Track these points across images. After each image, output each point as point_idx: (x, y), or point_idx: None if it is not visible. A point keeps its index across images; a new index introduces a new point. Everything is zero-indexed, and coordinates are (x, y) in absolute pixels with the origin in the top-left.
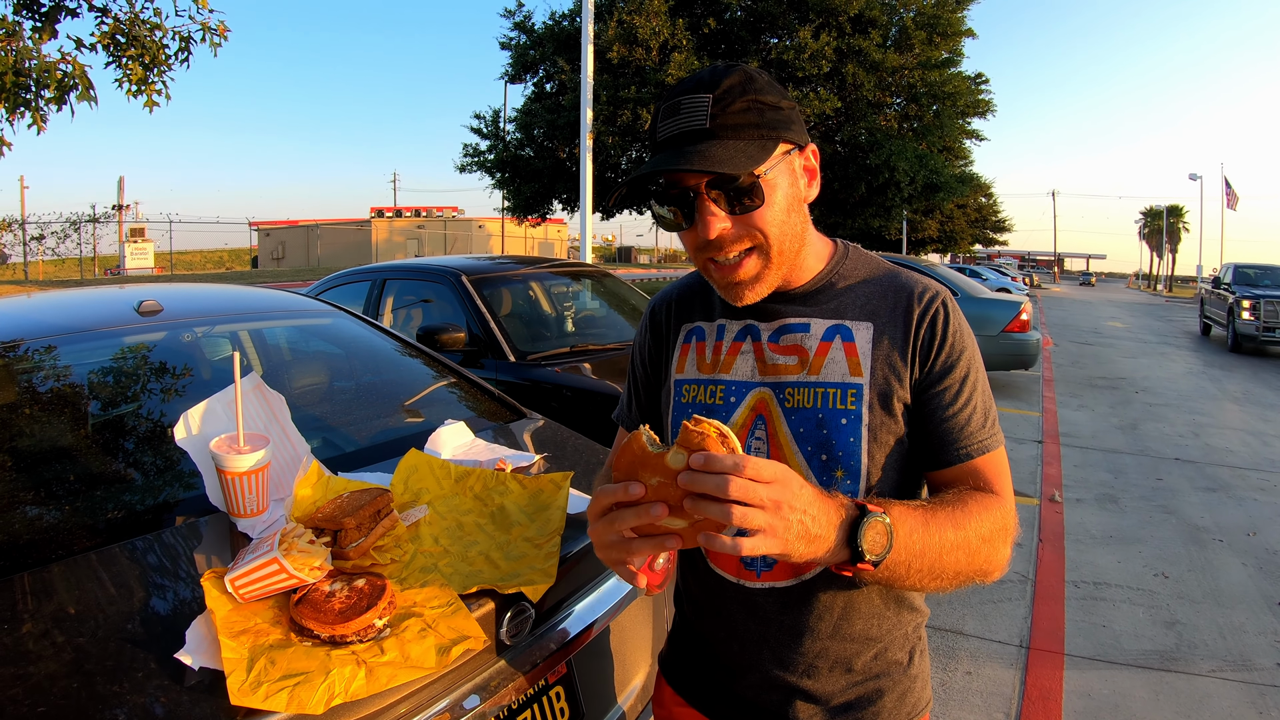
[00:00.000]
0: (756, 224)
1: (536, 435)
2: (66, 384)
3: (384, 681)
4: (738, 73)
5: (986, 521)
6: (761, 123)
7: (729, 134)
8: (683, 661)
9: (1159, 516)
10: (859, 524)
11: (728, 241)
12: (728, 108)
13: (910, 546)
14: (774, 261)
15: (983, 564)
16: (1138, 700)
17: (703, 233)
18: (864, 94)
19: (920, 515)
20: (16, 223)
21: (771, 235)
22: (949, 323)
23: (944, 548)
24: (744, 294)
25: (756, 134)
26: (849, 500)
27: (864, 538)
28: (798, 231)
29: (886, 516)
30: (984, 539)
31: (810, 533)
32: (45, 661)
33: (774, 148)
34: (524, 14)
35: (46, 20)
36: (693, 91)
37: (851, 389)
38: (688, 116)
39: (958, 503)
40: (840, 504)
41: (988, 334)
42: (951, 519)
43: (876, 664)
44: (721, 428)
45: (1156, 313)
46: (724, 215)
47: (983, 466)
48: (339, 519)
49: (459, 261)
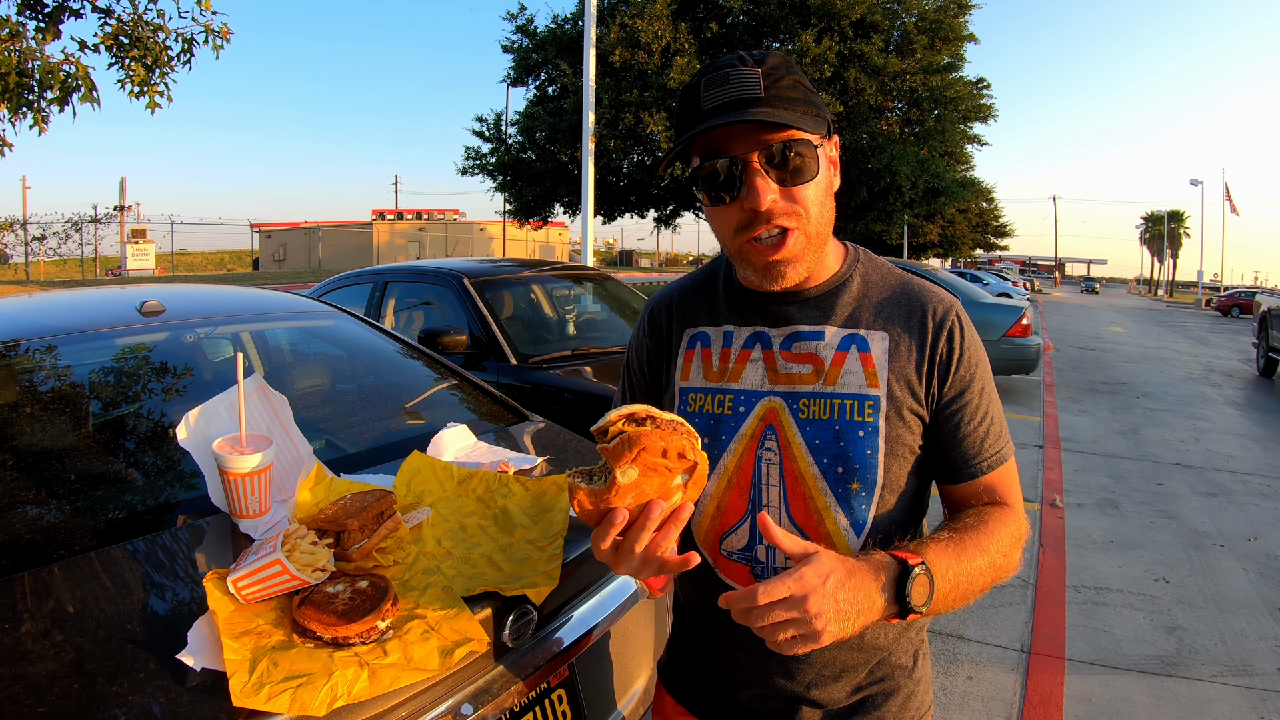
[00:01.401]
0: (802, 199)
1: (538, 438)
2: (69, 384)
3: (387, 683)
4: (778, 54)
5: (1006, 537)
6: (809, 100)
7: (784, 104)
8: (684, 671)
9: (1160, 521)
10: (903, 582)
11: (775, 215)
12: (778, 81)
13: (947, 584)
14: (812, 242)
15: (1002, 574)
16: (1139, 705)
17: (752, 203)
18: (866, 99)
19: (952, 551)
20: (18, 223)
21: (813, 214)
22: (964, 337)
23: (975, 574)
24: (785, 272)
25: (808, 109)
26: (885, 557)
27: (911, 594)
28: (829, 217)
29: (925, 566)
30: (1004, 554)
31: (849, 615)
32: (46, 661)
33: (824, 124)
34: (526, 17)
35: (50, 21)
36: (740, 66)
37: (869, 401)
38: (738, 86)
39: (980, 526)
40: (876, 565)
41: (989, 339)
42: (979, 545)
43: (881, 669)
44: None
45: (1159, 318)
46: (774, 187)
47: (998, 479)
48: (342, 520)
49: (460, 264)
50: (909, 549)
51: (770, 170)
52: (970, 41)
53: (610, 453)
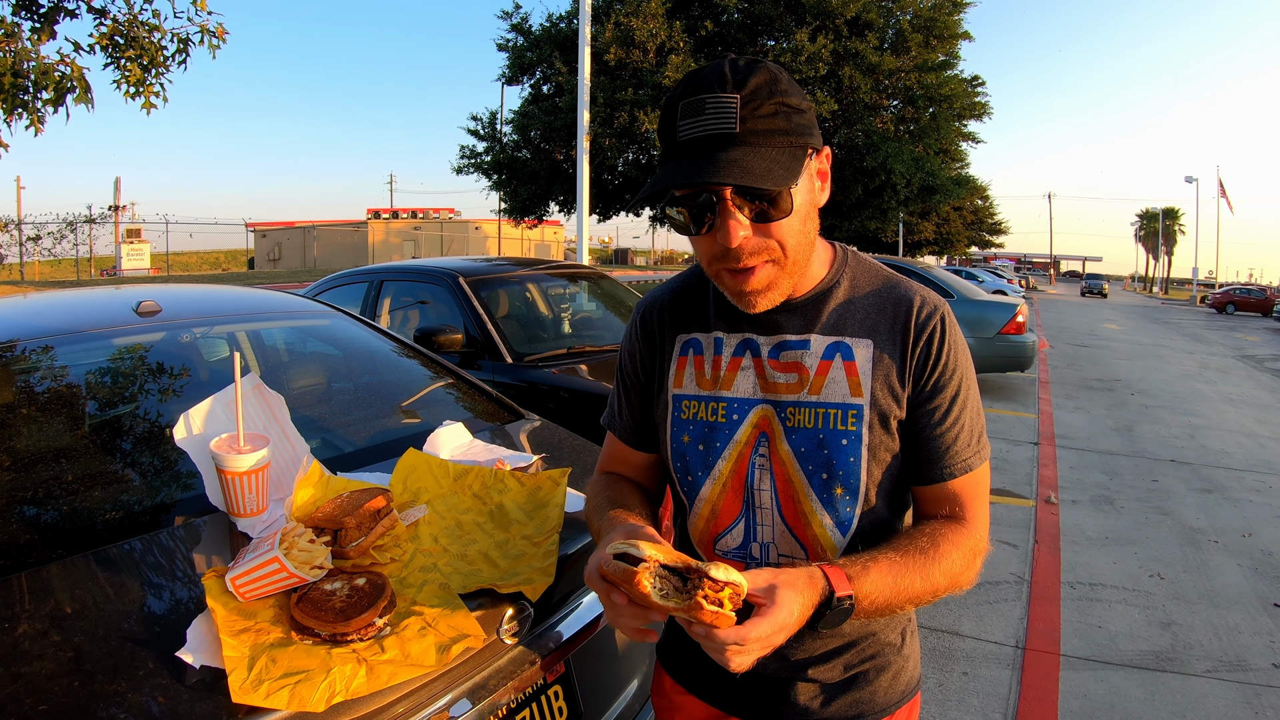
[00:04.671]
0: (776, 235)
1: (534, 436)
2: (66, 385)
3: (384, 680)
4: (763, 70)
5: (956, 561)
6: (789, 129)
7: (759, 140)
8: (681, 651)
9: (1154, 518)
10: (823, 609)
11: (746, 252)
12: (756, 111)
13: (870, 609)
14: (788, 270)
15: (946, 594)
16: (1133, 700)
17: (724, 240)
18: (860, 96)
19: (890, 575)
20: (13, 223)
21: (789, 246)
22: (944, 340)
23: (907, 598)
24: (757, 302)
25: (786, 141)
26: (821, 581)
27: (822, 622)
28: (810, 239)
29: (850, 599)
30: (951, 577)
31: (788, 633)
32: (45, 660)
33: (803, 156)
34: (521, 16)
35: (45, 21)
36: (718, 90)
37: (852, 410)
38: (713, 118)
39: (930, 548)
40: (814, 590)
41: (984, 336)
42: (921, 571)
43: (871, 647)
44: (738, 589)
45: (1154, 315)
46: (747, 224)
47: (961, 488)
48: (339, 518)
49: (456, 263)
50: (850, 570)
51: (744, 206)
52: (965, 39)
53: (699, 608)
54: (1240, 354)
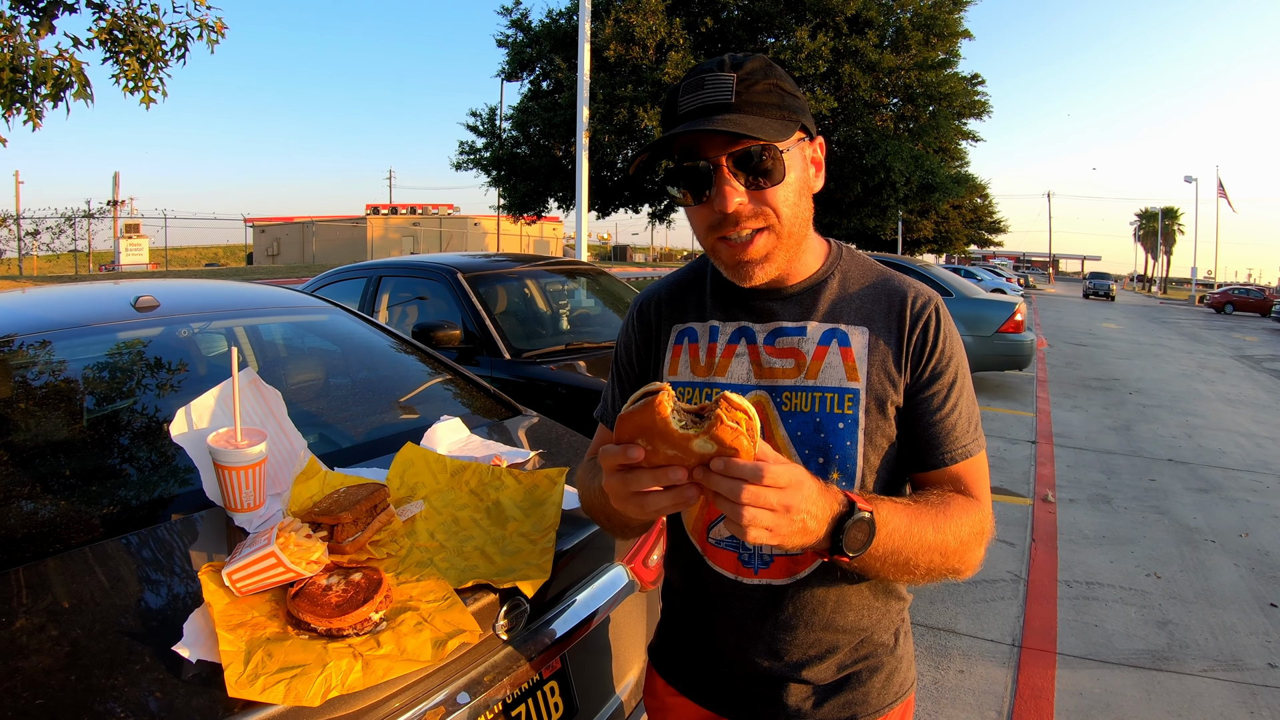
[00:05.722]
0: (771, 202)
1: (531, 432)
2: (63, 379)
3: (380, 674)
4: (758, 58)
5: (965, 525)
6: (783, 104)
7: (753, 109)
8: (673, 652)
9: (1151, 517)
10: (844, 521)
11: (743, 217)
12: (752, 87)
13: (888, 544)
14: (783, 242)
15: (956, 564)
16: (1129, 699)
17: (720, 205)
18: (860, 94)
19: (905, 516)
20: (11, 218)
21: (784, 215)
22: (940, 329)
23: (920, 548)
24: (753, 272)
25: (778, 114)
26: (842, 495)
27: (846, 535)
28: (805, 218)
29: (871, 515)
30: (961, 542)
31: (807, 528)
32: (42, 655)
33: (794, 129)
34: (521, 11)
35: (44, 16)
36: (717, 71)
37: (848, 394)
38: (712, 91)
39: (941, 505)
40: (835, 498)
41: (982, 334)
42: (934, 521)
43: (864, 647)
44: (752, 417)
45: (1152, 314)
46: (742, 190)
47: (964, 471)
48: (336, 513)
49: (454, 259)
50: (866, 497)
51: (739, 174)
52: (965, 38)
53: (719, 423)
54: (1238, 354)
